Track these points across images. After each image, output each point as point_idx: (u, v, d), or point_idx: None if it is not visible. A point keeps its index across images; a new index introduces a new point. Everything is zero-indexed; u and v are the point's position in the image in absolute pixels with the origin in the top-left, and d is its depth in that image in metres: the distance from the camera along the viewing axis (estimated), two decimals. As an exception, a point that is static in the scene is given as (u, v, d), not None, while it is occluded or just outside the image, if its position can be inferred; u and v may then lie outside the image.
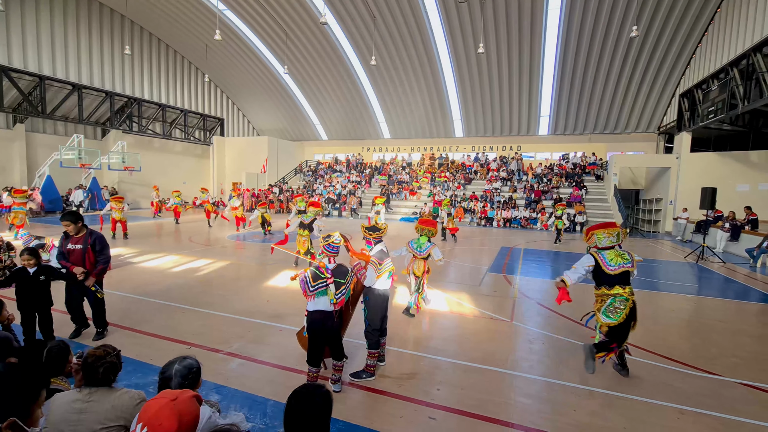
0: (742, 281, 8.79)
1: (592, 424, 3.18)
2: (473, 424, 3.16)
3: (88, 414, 1.96)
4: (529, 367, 4.18)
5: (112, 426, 1.98)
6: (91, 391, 2.03)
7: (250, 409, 3.24)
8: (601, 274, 3.92)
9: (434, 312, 5.96)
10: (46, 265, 4.24)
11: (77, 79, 20.90)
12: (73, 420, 1.94)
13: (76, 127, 21.28)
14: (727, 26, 15.29)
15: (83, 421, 1.95)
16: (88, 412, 1.97)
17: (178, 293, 6.47)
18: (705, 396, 3.64)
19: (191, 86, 27.75)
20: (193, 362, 2.11)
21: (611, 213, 18.50)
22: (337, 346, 3.56)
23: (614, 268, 3.85)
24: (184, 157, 26.96)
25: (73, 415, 1.95)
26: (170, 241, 12.34)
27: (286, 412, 1.61)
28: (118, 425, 1.99)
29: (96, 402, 2.00)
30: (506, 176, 23.13)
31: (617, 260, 3.87)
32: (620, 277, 3.87)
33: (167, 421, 1.57)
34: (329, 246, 3.55)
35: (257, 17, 21.48)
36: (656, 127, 21.89)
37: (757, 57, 12.25)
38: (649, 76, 19.66)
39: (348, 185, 25.46)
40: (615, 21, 17.52)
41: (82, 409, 1.97)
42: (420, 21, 19.41)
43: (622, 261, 3.87)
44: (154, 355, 4.15)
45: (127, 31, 23.52)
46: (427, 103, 24.60)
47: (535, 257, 11.08)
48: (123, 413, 2.01)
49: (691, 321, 5.95)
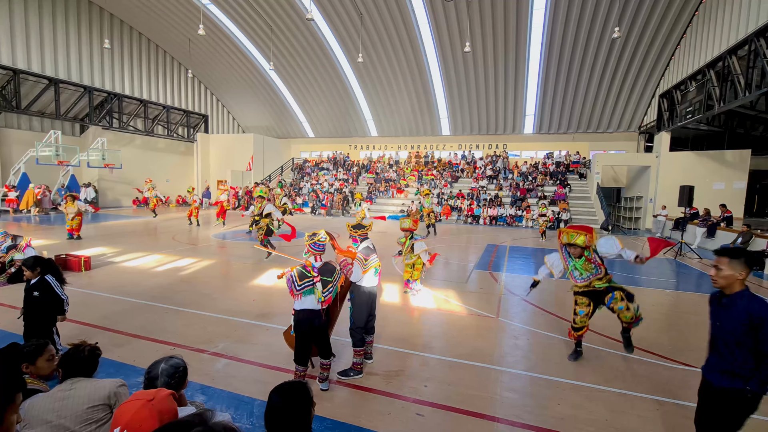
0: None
1: (576, 416, 3.26)
2: (460, 419, 3.20)
3: (71, 399, 1.98)
4: (515, 362, 4.25)
5: (97, 405, 2.00)
6: (73, 381, 2.07)
7: (236, 409, 3.21)
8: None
9: (421, 309, 5.99)
10: (48, 283, 3.80)
11: (54, 74, 20.21)
12: (57, 407, 1.95)
13: (53, 123, 20.60)
14: (704, 29, 15.74)
15: (67, 406, 1.96)
16: (70, 398, 1.99)
17: (161, 293, 6.35)
18: (681, 387, 3.77)
19: (174, 82, 27.13)
20: (180, 361, 2.10)
21: (594, 210, 18.92)
22: (324, 345, 3.55)
23: (579, 280, 4.02)
24: (168, 155, 26.38)
25: (57, 403, 1.97)
26: (153, 240, 12.08)
27: (267, 409, 1.60)
28: (103, 404, 2.02)
29: (77, 389, 2.03)
30: (492, 174, 23.39)
31: (582, 272, 4.01)
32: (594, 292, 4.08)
33: (147, 422, 1.55)
34: (315, 244, 3.53)
35: (242, 12, 21.13)
36: (637, 126, 22.44)
37: (732, 59, 12.65)
38: (630, 76, 20.12)
39: (335, 183, 25.37)
40: (598, 22, 17.85)
41: (64, 396, 1.99)
42: (407, 19, 19.41)
43: (587, 273, 4.01)
44: (137, 356, 4.07)
45: (107, 24, 22.82)
46: (414, 101, 24.64)
47: (520, 254, 11.25)
48: (107, 392, 2.05)
49: (670, 315, 6.13)
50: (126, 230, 13.76)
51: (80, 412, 1.95)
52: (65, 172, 19.92)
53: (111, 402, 2.04)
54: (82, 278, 7.15)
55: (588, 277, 3.97)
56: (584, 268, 3.99)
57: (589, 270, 3.99)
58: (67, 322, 5.00)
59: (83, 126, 22.16)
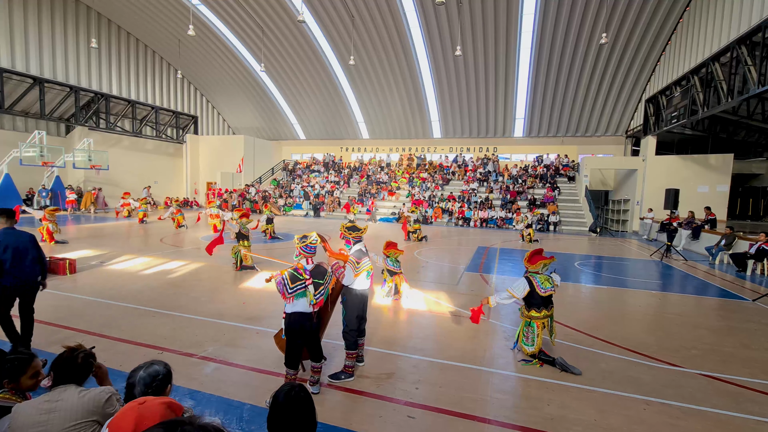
0: (702, 277, 9.29)
1: (565, 416, 3.29)
2: (451, 421, 3.21)
3: (57, 413, 1.90)
4: (505, 364, 4.28)
5: (83, 422, 1.92)
6: (60, 391, 1.97)
7: (225, 413, 3.17)
8: (533, 295, 4.35)
9: (412, 311, 6.00)
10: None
11: (39, 73, 19.81)
12: (42, 421, 1.87)
13: (37, 123, 20.17)
14: (689, 36, 16.13)
15: (52, 420, 1.88)
16: (57, 411, 1.90)
17: (149, 296, 6.25)
18: (668, 387, 3.84)
19: (163, 82, 26.81)
20: (160, 369, 2.01)
21: (583, 213, 19.18)
22: (315, 348, 3.53)
23: (544, 290, 4.33)
24: (156, 156, 26.02)
25: (42, 416, 1.88)
26: (140, 242, 11.89)
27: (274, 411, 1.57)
28: (90, 420, 1.93)
29: (64, 401, 1.94)
30: (482, 177, 23.58)
31: (546, 284, 4.36)
32: (546, 299, 4.37)
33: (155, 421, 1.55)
34: (306, 247, 3.51)
35: (232, 13, 21.00)
36: (624, 130, 22.85)
37: (715, 66, 12.98)
38: (617, 81, 20.50)
39: (326, 185, 25.30)
40: (586, 28, 18.17)
41: (50, 409, 1.91)
42: (398, 22, 19.51)
43: (549, 285, 4.37)
44: (124, 360, 3.99)
45: (94, 23, 22.47)
46: (405, 104, 24.74)
47: (510, 256, 11.34)
48: (94, 407, 1.96)
49: (656, 316, 6.24)
50: (113, 232, 13.52)
51: (67, 428, 1.87)
52: (50, 173, 19.50)
53: (100, 418, 1.94)
54: (67, 282, 7.00)
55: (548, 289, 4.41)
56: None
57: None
58: (52, 326, 4.92)
59: (69, 126, 21.74)
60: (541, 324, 4.36)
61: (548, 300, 4.40)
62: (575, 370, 4.06)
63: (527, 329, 4.38)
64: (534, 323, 4.34)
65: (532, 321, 4.36)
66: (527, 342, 4.35)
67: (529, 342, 4.33)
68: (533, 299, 4.36)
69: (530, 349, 4.30)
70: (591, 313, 6.28)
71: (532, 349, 4.29)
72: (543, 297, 4.33)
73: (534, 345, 4.29)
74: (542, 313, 4.35)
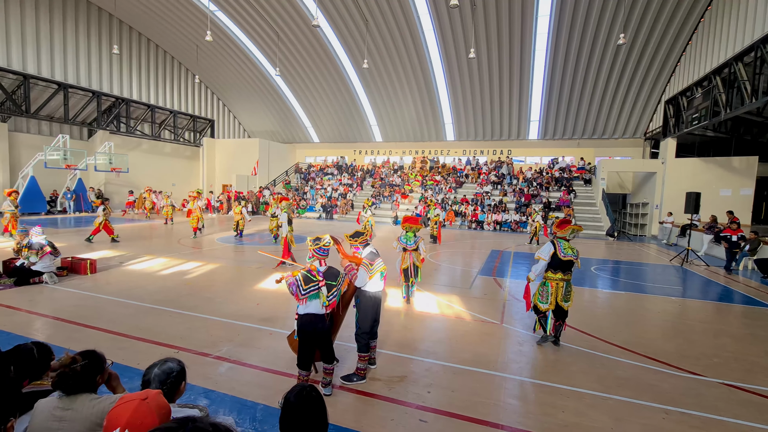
0: (724, 284, 9.00)
1: (580, 424, 3.23)
2: (463, 425, 3.18)
3: (68, 422, 1.88)
4: (519, 369, 4.22)
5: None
6: (72, 399, 1.93)
7: (239, 413, 3.21)
8: (554, 257, 4.75)
9: (425, 314, 5.98)
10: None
11: (63, 78, 20.53)
12: (53, 428, 1.87)
13: (61, 127, 20.86)
14: (710, 36, 15.71)
15: (63, 428, 1.87)
16: (67, 420, 1.89)
17: (166, 296, 6.39)
18: (688, 396, 3.72)
19: (181, 87, 27.45)
20: (174, 366, 2.05)
21: (599, 217, 18.79)
22: (327, 349, 3.55)
23: (564, 255, 4.72)
24: (174, 159, 26.63)
25: (54, 423, 1.88)
26: (158, 243, 12.17)
27: (286, 412, 1.59)
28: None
29: (75, 410, 1.91)
30: (497, 180, 23.35)
31: (568, 251, 4.76)
32: (565, 264, 4.76)
33: (147, 419, 1.57)
34: (320, 249, 3.54)
35: (249, 19, 21.39)
36: (642, 132, 22.34)
37: (738, 66, 12.60)
38: (635, 82, 20.07)
39: (339, 188, 25.43)
40: (603, 28, 17.86)
41: (62, 417, 1.89)
42: (412, 25, 19.54)
43: (571, 252, 4.76)
44: (141, 359, 4.09)
45: (116, 30, 23.20)
46: (418, 106, 24.72)
47: (524, 260, 11.19)
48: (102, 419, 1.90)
49: (675, 323, 6.07)
50: (132, 234, 13.86)
51: None
52: (72, 176, 20.15)
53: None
54: (87, 281, 7.21)
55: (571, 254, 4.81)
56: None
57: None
58: (73, 324, 5.07)
59: (91, 130, 22.43)
60: (555, 284, 4.75)
61: (567, 265, 4.76)
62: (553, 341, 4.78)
63: (542, 288, 4.81)
64: (549, 283, 4.77)
65: (548, 281, 4.78)
66: (542, 300, 4.79)
67: (544, 300, 4.77)
68: (553, 261, 4.75)
69: (544, 306, 4.74)
70: (608, 318, 6.14)
71: (546, 306, 4.73)
72: (563, 261, 4.72)
73: (548, 303, 4.73)
74: (558, 275, 4.75)
